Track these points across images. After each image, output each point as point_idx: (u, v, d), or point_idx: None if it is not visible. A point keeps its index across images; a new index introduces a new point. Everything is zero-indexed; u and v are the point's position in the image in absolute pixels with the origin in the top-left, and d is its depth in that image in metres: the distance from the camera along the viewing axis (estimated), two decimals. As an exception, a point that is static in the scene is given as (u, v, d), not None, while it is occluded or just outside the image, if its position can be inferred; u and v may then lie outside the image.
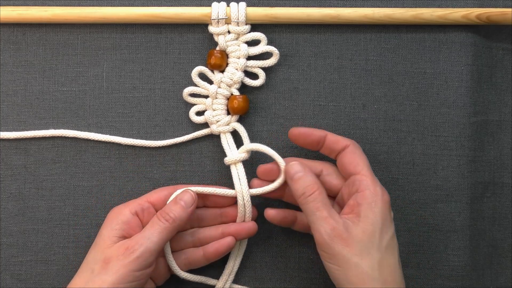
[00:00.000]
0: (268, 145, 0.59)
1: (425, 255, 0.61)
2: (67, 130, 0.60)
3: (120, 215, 0.55)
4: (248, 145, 0.58)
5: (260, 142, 0.59)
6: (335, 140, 0.56)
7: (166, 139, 0.60)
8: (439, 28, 0.61)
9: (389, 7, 0.60)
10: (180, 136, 0.60)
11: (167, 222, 0.54)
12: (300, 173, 0.55)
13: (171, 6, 0.59)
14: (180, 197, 0.55)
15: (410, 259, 0.61)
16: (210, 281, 0.59)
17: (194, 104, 0.59)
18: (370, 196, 0.52)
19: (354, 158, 0.55)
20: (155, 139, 0.60)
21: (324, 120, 0.60)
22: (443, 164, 0.61)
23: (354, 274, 0.50)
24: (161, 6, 0.59)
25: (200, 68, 0.58)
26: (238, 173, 0.58)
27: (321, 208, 0.52)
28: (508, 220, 0.63)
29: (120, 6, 0.59)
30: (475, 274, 0.62)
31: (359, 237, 0.51)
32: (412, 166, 0.61)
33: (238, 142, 0.59)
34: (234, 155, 0.58)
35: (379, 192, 0.53)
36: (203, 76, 0.59)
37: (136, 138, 0.60)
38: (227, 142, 0.59)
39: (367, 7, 0.60)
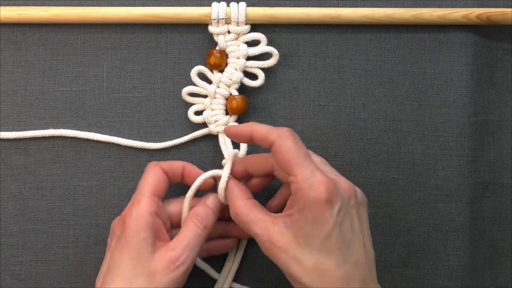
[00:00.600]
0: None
1: (425, 255, 0.61)
2: (67, 130, 0.60)
3: (144, 220, 0.52)
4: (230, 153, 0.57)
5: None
6: (261, 137, 0.51)
7: (166, 139, 0.60)
8: (439, 28, 0.61)
9: (389, 7, 0.60)
10: (180, 136, 0.60)
11: (206, 229, 0.53)
12: (228, 196, 0.53)
13: (171, 6, 0.59)
14: (209, 201, 0.55)
15: (410, 259, 0.61)
16: (212, 272, 0.59)
17: (193, 104, 0.59)
18: (298, 199, 0.48)
19: (282, 156, 0.50)
20: (155, 139, 0.60)
21: (324, 120, 0.61)
22: (443, 164, 0.61)
23: (293, 280, 0.49)
24: (161, 6, 0.59)
25: (199, 68, 0.59)
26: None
27: (248, 225, 0.51)
28: (508, 220, 0.63)
29: (120, 6, 0.59)
30: (475, 274, 0.62)
31: (290, 244, 0.48)
32: (412, 166, 0.61)
33: (237, 143, 0.59)
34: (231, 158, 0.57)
35: (309, 193, 0.48)
36: (202, 76, 0.59)
37: (136, 138, 0.60)
38: (225, 142, 0.59)
39: (367, 7, 0.60)
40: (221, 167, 0.59)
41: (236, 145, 0.59)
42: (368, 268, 0.50)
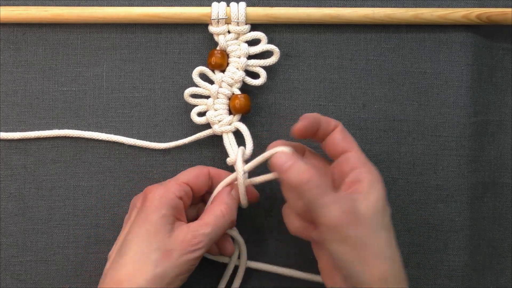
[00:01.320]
0: (268, 145, 0.59)
1: (425, 255, 0.61)
2: (71, 130, 0.60)
3: (168, 199, 0.52)
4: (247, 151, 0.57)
5: (260, 143, 0.60)
6: (327, 121, 0.53)
7: (166, 139, 0.60)
8: (439, 28, 0.61)
9: (389, 7, 0.60)
10: (179, 136, 0.60)
11: (231, 222, 0.54)
12: (288, 163, 0.50)
13: (171, 6, 0.59)
14: (232, 192, 0.55)
15: (410, 259, 0.61)
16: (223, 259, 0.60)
17: (195, 105, 0.59)
18: (369, 173, 0.50)
19: (345, 136, 0.52)
20: (155, 139, 0.60)
21: (324, 120, 0.61)
22: (443, 164, 0.61)
23: (367, 253, 0.48)
24: (161, 6, 0.59)
25: (200, 69, 0.58)
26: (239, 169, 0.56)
27: (321, 194, 0.48)
28: (508, 220, 0.63)
29: (120, 6, 0.59)
30: (475, 274, 0.62)
31: (366, 216, 0.48)
32: (412, 166, 0.61)
33: (241, 143, 0.58)
34: (237, 158, 0.57)
35: (375, 170, 0.51)
36: (203, 77, 0.59)
37: (136, 138, 0.60)
38: (230, 142, 0.58)
39: (367, 7, 0.60)
40: (221, 166, 0.59)
41: (241, 145, 0.58)
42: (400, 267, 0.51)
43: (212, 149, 0.60)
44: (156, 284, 0.50)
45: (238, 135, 0.59)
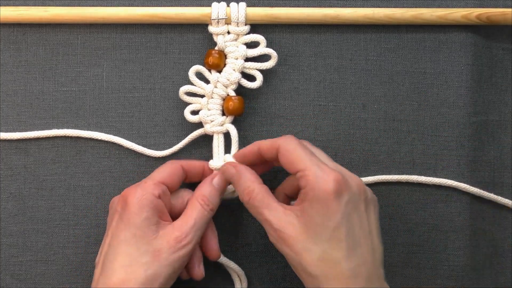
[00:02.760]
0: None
1: (425, 255, 0.61)
2: (70, 130, 0.60)
3: (148, 201, 0.52)
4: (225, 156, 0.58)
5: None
6: (268, 146, 0.53)
7: (165, 138, 0.60)
8: (439, 28, 0.61)
9: (389, 7, 0.60)
10: (179, 136, 0.60)
11: (211, 211, 0.54)
12: (234, 177, 0.54)
13: (171, 6, 0.59)
14: (215, 181, 0.56)
15: (410, 259, 0.61)
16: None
17: (189, 103, 0.59)
18: (309, 191, 0.49)
19: (288, 157, 0.51)
20: (155, 139, 0.60)
21: (324, 120, 0.60)
22: (443, 164, 0.61)
23: (299, 270, 0.50)
24: (161, 6, 0.59)
25: (197, 67, 0.58)
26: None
27: (262, 212, 0.51)
28: (508, 220, 0.63)
29: (120, 6, 0.59)
30: (475, 274, 0.62)
31: (299, 235, 0.49)
32: (412, 166, 0.61)
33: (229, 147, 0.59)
34: (219, 162, 0.58)
35: (318, 184, 0.49)
36: (200, 76, 0.59)
37: (136, 138, 0.60)
38: (218, 145, 0.59)
39: (367, 7, 0.60)
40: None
41: (228, 149, 0.59)
42: (375, 266, 0.50)
43: (211, 150, 0.60)
44: (149, 285, 0.50)
45: (228, 137, 0.59)
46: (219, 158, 0.58)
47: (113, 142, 0.60)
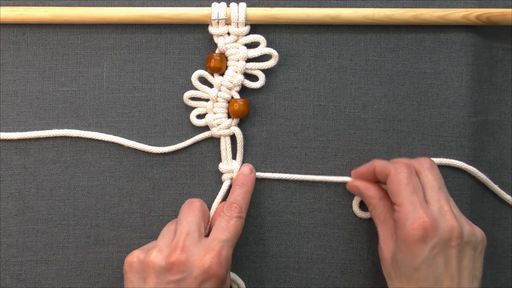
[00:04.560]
0: (268, 145, 0.60)
1: (425, 255, 0.61)
2: (70, 130, 0.60)
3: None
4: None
5: (260, 143, 0.60)
6: (381, 168, 0.56)
7: (166, 139, 0.60)
8: (439, 28, 0.61)
9: (389, 7, 0.60)
10: (179, 136, 0.60)
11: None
12: (356, 192, 0.59)
13: (171, 6, 0.59)
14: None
15: (410, 259, 0.61)
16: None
17: (194, 107, 0.59)
18: (399, 228, 0.52)
19: (392, 187, 0.54)
20: (155, 139, 0.60)
21: (324, 120, 0.60)
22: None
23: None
24: (161, 6, 0.59)
25: (200, 72, 0.58)
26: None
27: (377, 223, 0.57)
28: (508, 220, 0.63)
29: (120, 6, 0.59)
30: (475, 274, 0.62)
31: (389, 260, 0.54)
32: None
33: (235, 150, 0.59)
34: (228, 165, 0.59)
35: (407, 227, 0.52)
36: (203, 80, 0.59)
37: (136, 138, 0.60)
38: (226, 147, 0.59)
39: (367, 7, 0.60)
40: (216, 172, 0.59)
41: (234, 152, 0.59)
42: None
43: (211, 150, 0.60)
44: None
45: (234, 138, 0.59)
46: (228, 162, 0.59)
47: (113, 142, 0.60)
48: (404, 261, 0.52)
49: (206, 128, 0.60)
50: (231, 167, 0.59)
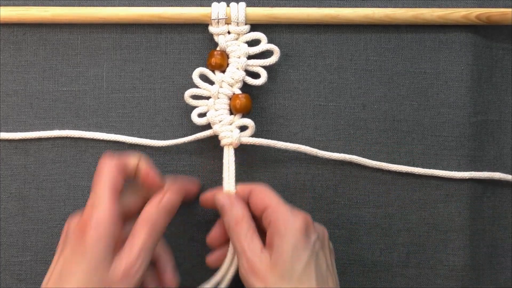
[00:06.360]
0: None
1: (425, 255, 0.61)
2: (72, 131, 0.60)
3: (105, 230, 0.50)
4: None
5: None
6: (241, 190, 0.55)
7: (166, 139, 0.60)
8: (439, 28, 0.61)
9: (389, 7, 0.60)
10: (179, 136, 0.60)
11: (159, 234, 0.52)
12: (226, 206, 0.54)
13: (171, 6, 0.59)
14: (165, 201, 0.54)
15: (410, 259, 0.61)
16: None
17: (195, 106, 0.59)
18: (280, 226, 0.51)
19: (259, 196, 0.53)
20: (155, 139, 0.60)
21: (324, 120, 0.61)
22: (443, 164, 0.61)
23: None
24: (161, 6, 0.59)
25: (201, 70, 0.58)
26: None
27: (241, 241, 0.51)
28: (508, 220, 0.63)
29: (120, 6, 0.59)
30: (474, 274, 0.62)
31: (270, 271, 0.49)
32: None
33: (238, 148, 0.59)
34: (231, 184, 0.57)
35: (289, 220, 0.51)
36: (203, 78, 0.59)
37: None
38: (228, 162, 0.58)
39: (367, 7, 0.60)
40: (221, 167, 0.59)
41: (237, 151, 0.59)
42: None
43: (212, 149, 0.60)
44: None
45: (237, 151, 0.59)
46: (230, 179, 0.57)
47: (114, 141, 0.60)
48: (293, 259, 0.49)
49: (207, 127, 0.59)
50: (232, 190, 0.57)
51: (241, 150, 0.59)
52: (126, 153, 0.55)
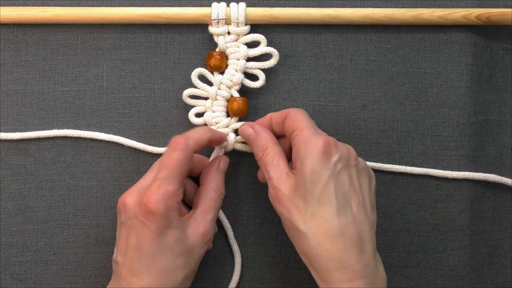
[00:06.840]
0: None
1: (425, 255, 0.61)
2: (70, 130, 0.60)
3: (173, 205, 0.51)
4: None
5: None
6: (278, 115, 0.56)
7: (165, 139, 0.60)
8: (439, 28, 0.61)
9: (389, 7, 0.60)
10: (180, 136, 0.60)
11: (220, 192, 0.56)
12: (251, 137, 0.56)
13: (171, 6, 0.59)
14: (222, 166, 0.57)
15: (410, 259, 0.61)
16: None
17: (193, 106, 0.59)
18: (302, 148, 0.52)
19: (291, 118, 0.54)
20: (154, 139, 0.60)
21: (324, 120, 0.61)
22: (443, 164, 0.61)
23: (291, 230, 0.52)
24: (161, 6, 0.59)
25: (199, 70, 0.58)
26: None
27: (268, 169, 0.53)
28: (508, 220, 0.63)
29: (120, 6, 0.59)
30: (475, 274, 0.62)
31: (294, 194, 0.51)
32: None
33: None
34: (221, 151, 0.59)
35: (311, 142, 0.51)
36: (202, 78, 0.59)
37: (136, 138, 0.60)
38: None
39: (367, 7, 0.60)
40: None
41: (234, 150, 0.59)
42: (367, 228, 0.51)
43: (212, 149, 0.60)
44: (186, 284, 0.53)
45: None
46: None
47: (113, 141, 0.60)
48: (311, 181, 0.50)
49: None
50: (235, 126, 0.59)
51: (239, 150, 0.59)
52: (196, 133, 0.54)
